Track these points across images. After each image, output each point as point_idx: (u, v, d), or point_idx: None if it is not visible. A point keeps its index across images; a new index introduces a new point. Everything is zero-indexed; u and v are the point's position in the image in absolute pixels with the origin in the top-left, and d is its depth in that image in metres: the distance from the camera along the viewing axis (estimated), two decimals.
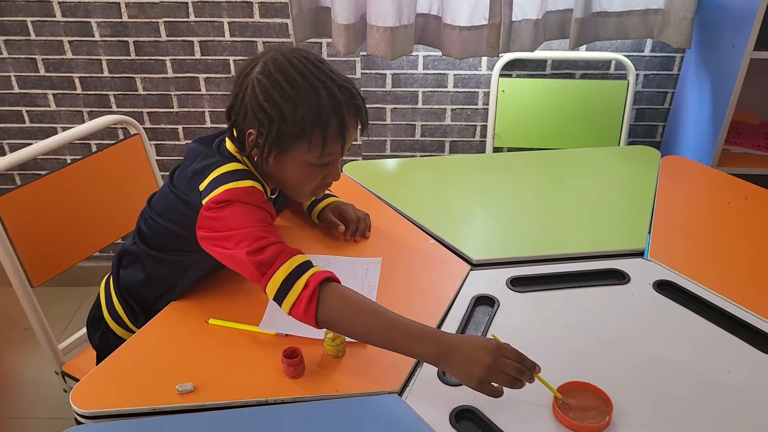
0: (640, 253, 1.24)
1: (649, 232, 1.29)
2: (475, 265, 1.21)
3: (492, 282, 1.15)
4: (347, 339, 0.97)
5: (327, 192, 1.33)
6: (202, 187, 1.00)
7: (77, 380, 1.34)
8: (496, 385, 0.85)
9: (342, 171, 1.55)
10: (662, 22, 1.80)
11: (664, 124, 2.11)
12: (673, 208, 1.39)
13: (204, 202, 0.99)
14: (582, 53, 1.96)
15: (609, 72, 2.01)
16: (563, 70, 2.01)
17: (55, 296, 1.77)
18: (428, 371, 0.95)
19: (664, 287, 1.14)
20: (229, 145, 1.06)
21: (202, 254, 1.01)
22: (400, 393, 0.92)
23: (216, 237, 0.98)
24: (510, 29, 1.76)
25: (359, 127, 1.03)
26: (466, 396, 0.90)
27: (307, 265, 0.95)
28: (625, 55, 1.95)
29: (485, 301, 1.11)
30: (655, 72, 2.02)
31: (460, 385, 0.93)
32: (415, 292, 1.13)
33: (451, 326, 1.05)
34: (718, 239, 1.29)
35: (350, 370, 0.95)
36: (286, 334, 1.01)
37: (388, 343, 0.90)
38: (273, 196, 1.14)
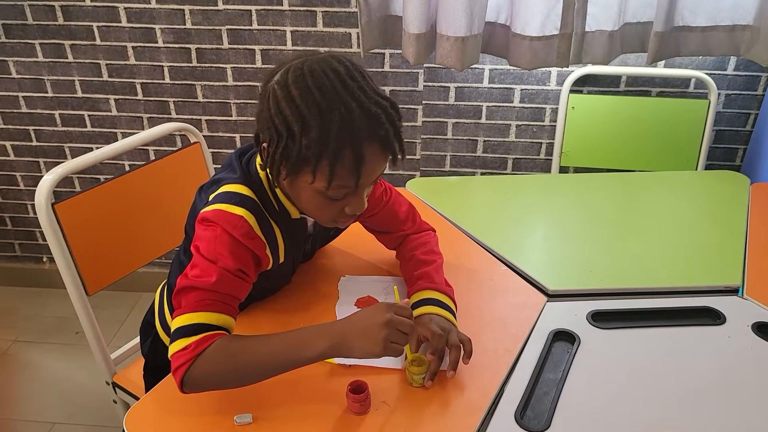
0: (734, 291, 1.13)
1: (744, 268, 1.18)
2: (552, 296, 1.12)
3: (571, 316, 1.06)
4: None
5: (428, 296, 1.03)
6: (210, 198, 0.96)
7: (127, 392, 1.33)
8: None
9: (405, 187, 1.49)
10: (751, 39, 1.67)
11: (745, 148, 1.97)
12: None
13: (200, 212, 0.95)
14: (659, 69, 1.85)
15: (688, 90, 1.89)
16: (638, 87, 1.90)
17: (106, 300, 1.75)
18: (506, 413, 0.87)
19: (765, 330, 1.03)
20: (258, 159, 0.99)
21: None
22: None
23: (194, 256, 0.92)
24: (582, 40, 1.67)
25: (391, 157, 0.88)
26: None
27: (212, 328, 0.87)
28: (706, 73, 1.83)
29: (564, 336, 1.02)
30: (738, 92, 1.89)
31: (542, 430, 0.85)
32: (488, 324, 1.05)
33: (528, 364, 0.96)
34: None
35: (420, 409, 0.88)
36: (349, 365, 0.94)
37: (285, 364, 0.87)
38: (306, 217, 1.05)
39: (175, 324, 0.88)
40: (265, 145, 0.89)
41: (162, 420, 0.86)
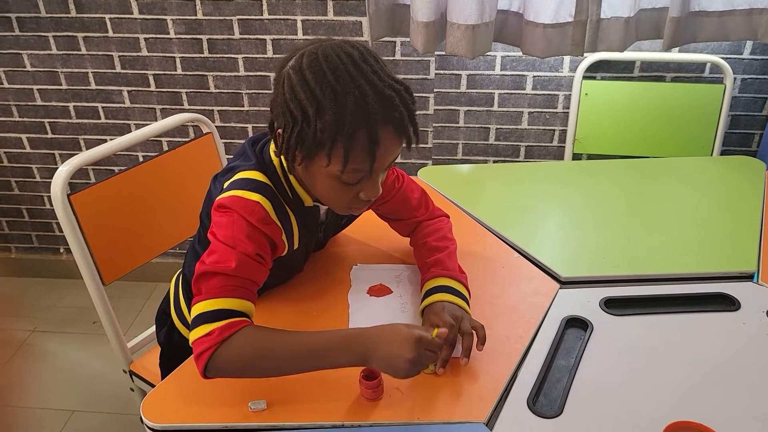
0: (749, 276, 1.12)
1: (760, 253, 1.17)
2: (564, 283, 1.12)
3: (584, 302, 1.06)
4: None
5: (440, 284, 1.03)
6: (225, 185, 0.96)
7: (144, 380, 1.34)
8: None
9: (417, 175, 1.49)
10: None
11: (761, 133, 1.95)
12: None
13: (216, 199, 0.95)
14: (674, 55, 1.83)
15: (703, 75, 1.87)
16: (653, 72, 1.88)
17: (122, 290, 1.78)
18: (518, 400, 0.87)
19: None
20: (272, 149, 0.99)
21: None
22: (488, 423, 0.84)
23: (212, 243, 0.92)
24: (598, 27, 1.65)
25: (405, 142, 0.88)
26: (559, 428, 0.81)
27: (235, 314, 0.88)
28: (722, 58, 1.81)
29: (577, 323, 1.02)
30: (755, 76, 1.86)
31: (554, 417, 0.85)
32: (501, 311, 1.05)
33: (541, 350, 0.96)
34: None
35: (432, 395, 0.88)
36: None
37: (308, 367, 0.87)
38: (319, 205, 1.05)
39: (195, 310, 0.88)
40: (280, 131, 0.89)
41: (178, 407, 0.88)
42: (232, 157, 1.05)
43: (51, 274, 2.41)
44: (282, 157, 0.93)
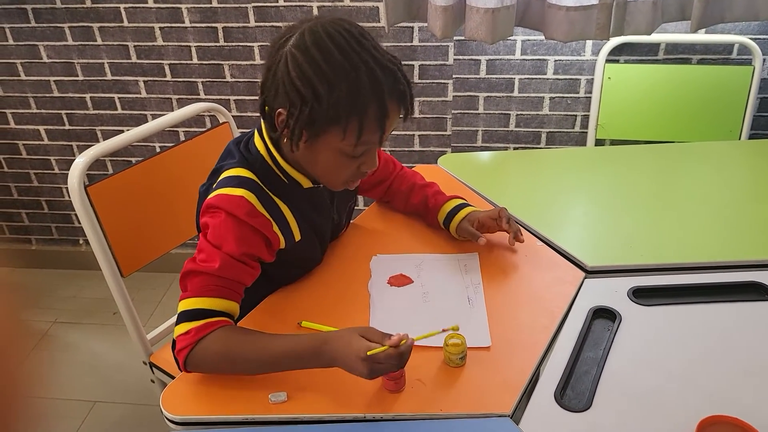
0: None
1: None
2: (591, 272, 1.08)
3: (611, 292, 1.03)
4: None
5: (462, 201, 1.19)
6: (214, 186, 0.97)
7: (164, 371, 1.34)
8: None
9: (437, 163, 1.47)
10: None
11: None
12: None
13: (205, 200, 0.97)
14: (700, 36, 1.77)
15: (731, 57, 1.81)
16: (678, 54, 1.82)
17: (142, 281, 1.77)
18: (545, 393, 0.85)
19: None
20: (257, 140, 0.98)
21: None
22: (512, 416, 0.82)
23: (200, 240, 0.95)
24: (624, 10, 1.59)
25: (402, 114, 0.92)
26: (588, 422, 0.79)
27: (213, 314, 0.90)
28: (750, 38, 1.75)
29: (604, 314, 0.99)
30: None
31: (582, 410, 0.82)
32: (525, 300, 1.02)
33: (567, 342, 0.93)
34: None
35: (456, 387, 0.86)
36: None
37: (278, 369, 0.88)
38: (320, 185, 1.04)
39: (180, 307, 0.90)
40: (282, 111, 0.88)
41: (198, 399, 0.86)
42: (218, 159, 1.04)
43: (71, 266, 2.42)
44: (281, 138, 0.92)
